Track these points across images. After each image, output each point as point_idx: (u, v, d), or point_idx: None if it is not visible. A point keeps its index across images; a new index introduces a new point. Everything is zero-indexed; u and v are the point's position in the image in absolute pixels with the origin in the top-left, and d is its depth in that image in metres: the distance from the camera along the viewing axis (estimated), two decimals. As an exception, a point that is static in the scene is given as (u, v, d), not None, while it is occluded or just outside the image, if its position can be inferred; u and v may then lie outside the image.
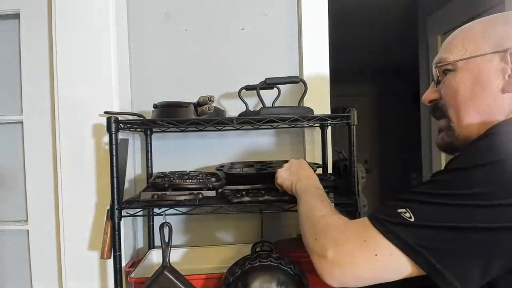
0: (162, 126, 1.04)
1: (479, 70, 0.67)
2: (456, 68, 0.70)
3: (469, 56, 0.69)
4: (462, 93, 0.69)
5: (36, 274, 1.22)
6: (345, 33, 2.84)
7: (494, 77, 0.66)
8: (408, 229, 0.57)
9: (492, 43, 0.67)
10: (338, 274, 0.61)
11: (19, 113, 1.24)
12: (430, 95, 0.77)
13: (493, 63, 0.66)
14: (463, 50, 0.70)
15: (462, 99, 0.69)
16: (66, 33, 1.14)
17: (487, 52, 0.67)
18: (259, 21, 1.30)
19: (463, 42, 0.70)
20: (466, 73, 0.69)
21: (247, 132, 1.29)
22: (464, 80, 0.69)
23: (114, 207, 0.96)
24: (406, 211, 0.58)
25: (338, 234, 0.63)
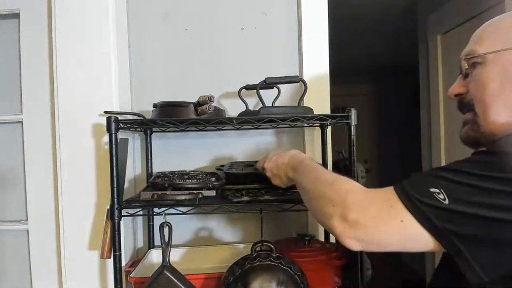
0: (162, 126, 1.04)
1: (510, 64, 0.65)
2: (485, 61, 0.67)
3: (499, 49, 0.65)
4: (490, 88, 0.65)
5: (36, 274, 1.22)
6: (345, 33, 2.84)
7: None
8: (439, 212, 0.54)
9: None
10: (363, 236, 0.60)
11: (19, 113, 1.24)
12: (457, 89, 0.73)
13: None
14: (492, 43, 0.66)
15: (491, 94, 0.65)
16: (66, 33, 1.14)
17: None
18: (259, 21, 1.30)
19: (494, 35, 0.67)
20: (495, 67, 0.65)
21: (247, 132, 1.30)
22: (494, 74, 0.65)
23: (114, 206, 0.96)
24: (440, 192, 0.55)
25: (360, 199, 0.62)
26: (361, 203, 0.61)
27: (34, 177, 1.22)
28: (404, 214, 0.57)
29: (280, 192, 0.99)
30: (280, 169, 0.90)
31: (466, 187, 0.55)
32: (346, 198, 0.62)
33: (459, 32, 1.77)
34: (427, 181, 0.58)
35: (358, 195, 0.63)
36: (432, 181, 0.57)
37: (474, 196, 0.54)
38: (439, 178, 0.57)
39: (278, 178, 0.92)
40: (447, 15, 1.89)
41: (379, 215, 0.59)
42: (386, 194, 0.60)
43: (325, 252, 1.06)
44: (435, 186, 0.56)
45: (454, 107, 0.77)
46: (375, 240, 0.60)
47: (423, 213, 0.55)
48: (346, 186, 0.66)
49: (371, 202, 0.61)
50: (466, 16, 1.70)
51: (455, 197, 0.54)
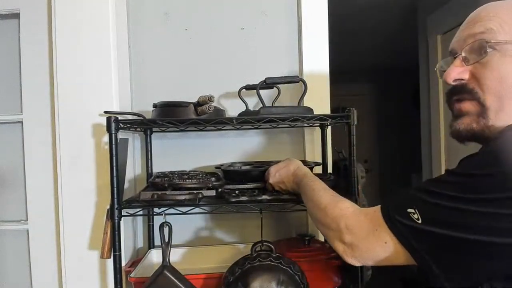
0: (162, 126, 1.04)
1: None
2: (506, 50, 0.60)
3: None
4: (511, 80, 0.59)
5: (36, 274, 1.22)
6: (345, 33, 2.84)
7: None
8: (414, 231, 0.58)
9: None
10: (358, 255, 0.67)
11: (19, 113, 1.24)
12: (457, 73, 0.65)
13: None
14: (509, 27, 0.60)
15: (510, 88, 0.59)
16: (66, 33, 1.14)
17: None
18: (259, 21, 1.30)
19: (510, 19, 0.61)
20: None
21: (247, 132, 1.30)
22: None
23: (114, 206, 0.96)
24: (415, 212, 0.58)
25: (351, 223, 0.68)
26: (353, 227, 0.68)
27: (34, 177, 1.22)
28: (387, 235, 0.62)
29: (279, 192, 0.99)
30: (287, 184, 0.96)
31: (438, 208, 0.56)
32: (340, 224, 0.69)
33: (459, 32, 1.77)
34: (406, 202, 0.61)
35: (349, 220, 0.69)
36: (410, 201, 0.60)
37: (445, 217, 0.55)
38: (416, 199, 0.60)
39: (283, 184, 0.97)
40: (447, 15, 1.90)
41: (368, 238, 0.65)
42: (373, 216, 0.66)
43: (325, 252, 1.06)
44: (411, 207, 0.59)
45: None
46: (369, 258, 0.67)
47: (401, 233, 0.60)
48: (338, 211, 0.72)
49: (361, 225, 0.67)
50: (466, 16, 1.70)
51: (428, 217, 0.57)
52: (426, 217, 0.57)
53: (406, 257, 0.61)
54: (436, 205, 0.56)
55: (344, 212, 0.71)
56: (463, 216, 0.53)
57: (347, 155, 1.00)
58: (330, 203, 0.75)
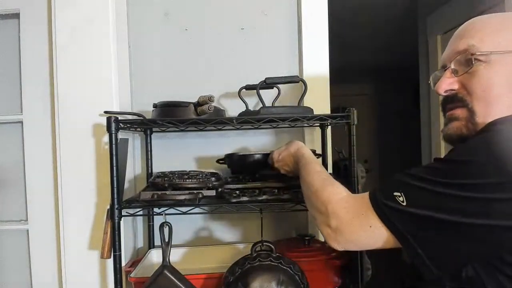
0: (162, 125, 1.04)
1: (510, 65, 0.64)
2: (488, 60, 0.65)
3: (505, 50, 0.65)
4: (496, 88, 0.65)
5: (36, 274, 1.22)
6: (345, 33, 2.84)
7: None
8: (398, 213, 0.61)
9: None
10: (342, 240, 0.70)
11: (19, 113, 1.24)
12: (448, 85, 0.71)
13: None
14: (496, 42, 0.66)
15: (496, 94, 0.65)
16: (66, 32, 1.14)
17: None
18: (259, 21, 1.30)
19: (497, 33, 0.66)
20: (501, 67, 0.65)
21: (247, 132, 1.30)
22: (499, 74, 0.65)
23: (114, 206, 0.96)
24: (400, 195, 0.61)
25: (338, 208, 0.70)
26: (339, 212, 0.70)
27: (34, 177, 1.22)
28: (373, 218, 0.65)
29: (279, 192, 0.99)
30: (289, 165, 0.98)
31: (423, 191, 0.59)
32: (327, 208, 0.71)
33: (459, 32, 1.77)
34: (392, 185, 0.64)
35: (336, 204, 0.71)
36: (396, 185, 0.63)
37: (427, 199, 0.59)
38: (402, 182, 0.63)
39: (286, 166, 0.99)
40: (447, 15, 1.90)
41: (352, 222, 0.68)
42: (361, 201, 0.68)
43: (325, 252, 1.06)
44: (397, 190, 0.62)
45: None
46: (352, 242, 0.70)
47: (385, 215, 0.63)
48: (327, 195, 0.74)
49: (347, 211, 0.69)
50: (466, 16, 1.69)
51: (412, 200, 0.60)
52: (411, 200, 0.60)
53: (389, 240, 0.63)
54: (420, 189, 0.60)
55: (333, 197, 0.73)
56: (442, 199, 0.57)
57: (347, 155, 1.00)
58: (321, 186, 0.77)
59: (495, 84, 0.65)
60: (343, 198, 0.72)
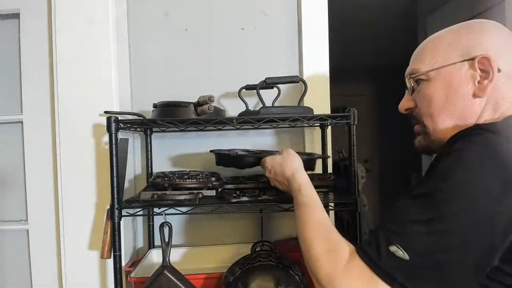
0: (162, 126, 1.04)
1: (451, 78, 0.71)
2: (429, 78, 0.74)
3: (440, 66, 0.73)
4: (436, 101, 0.73)
5: (36, 274, 1.22)
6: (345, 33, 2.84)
7: (465, 84, 0.70)
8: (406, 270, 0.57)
9: (459, 52, 0.71)
10: None
11: (19, 113, 1.24)
12: (406, 104, 0.82)
13: (462, 71, 0.71)
14: (433, 60, 0.74)
15: (437, 106, 0.73)
16: (66, 32, 1.14)
17: (456, 61, 0.71)
18: (259, 21, 1.30)
19: (433, 53, 0.75)
20: (438, 82, 0.73)
21: (247, 132, 1.29)
22: (438, 88, 0.73)
23: (114, 206, 0.96)
24: (398, 249, 0.58)
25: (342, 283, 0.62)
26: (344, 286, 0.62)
27: (34, 177, 1.22)
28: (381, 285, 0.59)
29: (279, 192, 0.99)
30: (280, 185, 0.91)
31: (421, 236, 0.58)
32: (329, 285, 0.63)
33: (459, 32, 1.76)
34: (382, 241, 0.60)
35: (340, 279, 0.63)
36: (386, 239, 0.60)
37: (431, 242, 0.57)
38: (391, 234, 0.60)
39: (278, 184, 0.92)
40: (447, 15, 1.89)
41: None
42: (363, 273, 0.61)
43: (325, 252, 1.06)
44: (391, 244, 0.59)
45: None
46: None
47: (396, 280, 0.58)
48: (328, 269, 0.65)
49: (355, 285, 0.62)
50: (466, 16, 1.70)
51: (413, 250, 0.57)
52: (412, 250, 0.57)
53: None
54: (416, 234, 0.58)
55: (334, 272, 0.64)
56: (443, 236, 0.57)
57: (347, 155, 1.00)
58: (321, 252, 0.68)
59: (435, 98, 0.73)
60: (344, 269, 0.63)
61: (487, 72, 0.69)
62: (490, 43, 0.70)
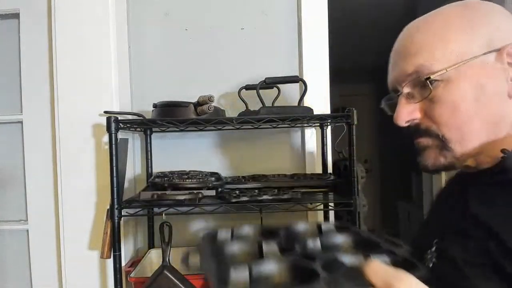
0: (162, 125, 1.04)
1: (478, 76, 0.55)
2: (448, 78, 0.55)
3: (460, 60, 0.55)
4: (465, 107, 0.55)
5: (36, 274, 1.22)
6: (345, 33, 2.84)
7: (498, 82, 0.55)
8: None
9: (481, 41, 0.55)
10: None
11: (19, 113, 1.24)
12: (408, 115, 0.60)
13: (489, 66, 0.55)
14: (448, 52, 0.56)
15: (466, 114, 0.55)
16: (66, 33, 1.14)
17: (479, 53, 0.55)
18: (259, 21, 1.30)
19: (445, 41, 0.56)
20: (463, 83, 0.55)
21: (247, 132, 1.29)
22: (464, 91, 0.55)
23: (114, 206, 0.96)
24: None
25: None
26: None
27: (34, 177, 1.22)
28: None
29: (279, 192, 0.99)
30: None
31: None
32: None
33: (459, 32, 1.76)
34: None
35: None
36: None
37: None
38: None
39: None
40: (447, 15, 1.89)
41: None
42: None
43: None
44: None
45: None
46: None
47: None
48: None
49: None
50: (466, 16, 1.69)
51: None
52: None
53: None
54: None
55: None
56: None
57: (347, 155, 1.00)
58: None
59: (463, 104, 0.55)
60: None
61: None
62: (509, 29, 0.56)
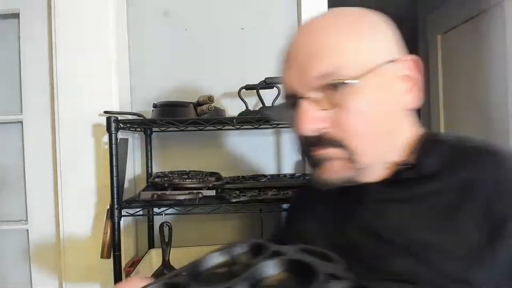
0: (162, 125, 1.04)
1: (381, 86, 0.52)
2: (357, 85, 0.51)
3: (368, 69, 0.51)
4: (373, 115, 0.52)
5: (36, 274, 1.22)
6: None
7: (396, 93, 0.54)
8: None
9: (384, 51, 0.54)
10: None
11: (19, 113, 1.24)
12: (315, 123, 0.52)
13: (389, 76, 0.53)
14: (359, 59, 0.51)
15: (374, 123, 0.52)
16: (66, 33, 1.15)
17: (382, 63, 0.52)
18: (259, 21, 1.30)
19: (355, 49, 0.52)
20: (369, 91, 0.51)
21: (247, 132, 1.30)
22: (370, 100, 0.52)
23: (114, 206, 0.96)
24: None
25: None
26: None
27: (34, 177, 1.22)
28: None
29: (279, 192, 0.99)
30: None
31: None
32: None
33: (459, 32, 1.77)
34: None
35: None
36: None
37: None
38: None
39: None
40: (447, 15, 1.89)
41: None
42: None
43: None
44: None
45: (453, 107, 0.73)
46: None
47: None
48: None
49: None
50: (466, 16, 1.70)
51: None
52: None
53: None
54: None
55: None
56: None
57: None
58: None
59: (372, 112, 0.52)
60: None
61: (414, 76, 0.55)
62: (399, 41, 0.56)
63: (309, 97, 0.53)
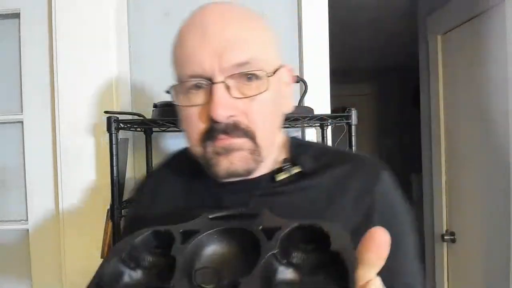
0: (162, 126, 1.04)
1: (278, 85, 0.57)
2: (269, 80, 0.54)
3: (275, 67, 0.57)
4: (272, 112, 0.56)
5: (36, 274, 1.22)
6: (345, 33, 2.84)
7: (283, 95, 0.60)
8: None
9: (278, 52, 0.60)
10: None
11: (19, 113, 1.24)
12: (229, 109, 0.52)
13: (281, 78, 0.59)
14: (270, 55, 0.57)
15: (272, 119, 0.57)
16: (66, 33, 1.15)
17: (279, 65, 0.58)
18: (259, 21, 1.30)
19: (269, 44, 0.58)
20: (273, 88, 0.55)
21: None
22: (273, 96, 0.55)
23: (114, 206, 0.96)
24: None
25: None
26: None
27: (34, 177, 1.22)
28: None
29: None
30: None
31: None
32: None
33: (459, 32, 1.77)
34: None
35: None
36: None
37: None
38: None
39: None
40: (447, 15, 1.89)
41: None
42: None
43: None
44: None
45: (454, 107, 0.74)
46: None
47: None
48: None
49: None
50: (466, 16, 1.70)
51: None
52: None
53: None
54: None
55: None
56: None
57: (347, 155, 1.00)
58: None
59: (271, 106, 0.55)
60: None
61: (291, 84, 0.62)
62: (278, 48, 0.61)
63: (224, 83, 0.52)
